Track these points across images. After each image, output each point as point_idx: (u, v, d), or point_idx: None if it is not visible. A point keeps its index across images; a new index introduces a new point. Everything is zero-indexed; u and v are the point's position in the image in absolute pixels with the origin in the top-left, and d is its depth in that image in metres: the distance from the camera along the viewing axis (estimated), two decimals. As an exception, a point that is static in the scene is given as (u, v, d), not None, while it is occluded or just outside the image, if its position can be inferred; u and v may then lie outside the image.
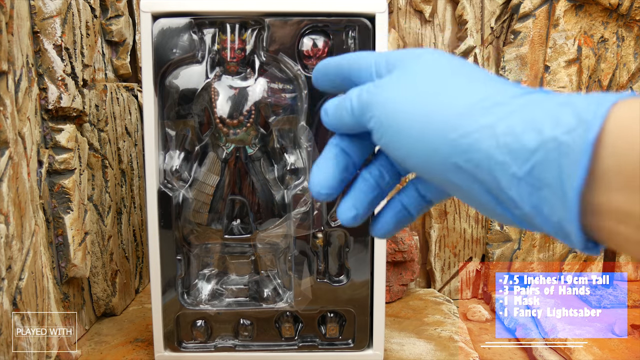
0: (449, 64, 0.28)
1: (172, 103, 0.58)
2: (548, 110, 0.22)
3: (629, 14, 0.82)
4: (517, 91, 0.25)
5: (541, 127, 0.22)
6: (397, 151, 0.27)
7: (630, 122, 0.20)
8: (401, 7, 0.87)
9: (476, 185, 0.24)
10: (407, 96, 0.27)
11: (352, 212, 0.31)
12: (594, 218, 0.22)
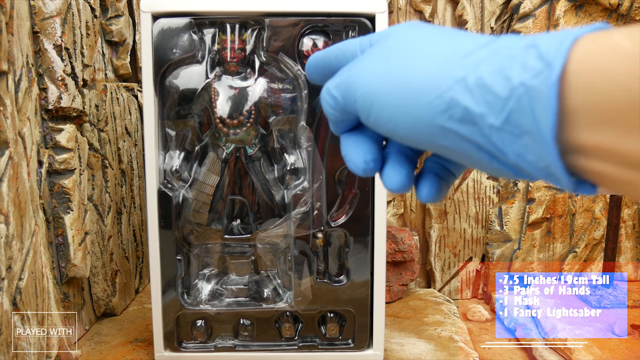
0: (424, 30, 0.28)
1: (172, 103, 0.58)
2: (514, 56, 0.22)
3: (629, 14, 0.82)
4: (484, 40, 0.24)
5: (509, 74, 0.22)
6: (385, 126, 0.27)
7: (596, 56, 0.20)
8: (401, 7, 0.87)
9: (465, 144, 0.24)
10: (384, 68, 0.27)
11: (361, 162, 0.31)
12: (579, 159, 0.21)
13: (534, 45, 0.22)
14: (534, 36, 0.23)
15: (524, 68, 0.21)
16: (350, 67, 0.29)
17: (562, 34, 0.21)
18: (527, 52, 0.22)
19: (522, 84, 0.21)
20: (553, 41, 0.21)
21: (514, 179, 0.25)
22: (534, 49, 0.21)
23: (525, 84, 0.21)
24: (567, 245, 0.88)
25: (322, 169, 0.59)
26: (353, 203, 0.59)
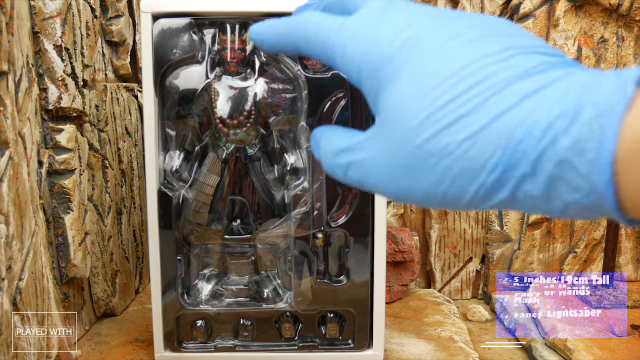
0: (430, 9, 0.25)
1: (172, 103, 0.58)
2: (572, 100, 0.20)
3: (629, 14, 0.82)
4: (529, 67, 0.22)
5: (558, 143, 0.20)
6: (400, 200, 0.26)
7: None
8: (401, 7, 0.87)
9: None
10: (405, 174, 0.24)
11: None
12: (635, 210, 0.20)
13: (592, 87, 0.20)
14: (591, 74, 0.21)
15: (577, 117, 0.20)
16: (362, 147, 0.26)
17: (621, 82, 0.20)
18: (585, 95, 0.20)
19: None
20: (612, 89, 0.20)
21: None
22: (593, 91, 0.20)
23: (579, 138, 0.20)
24: (567, 246, 0.88)
25: (322, 169, 0.59)
26: (353, 203, 0.59)
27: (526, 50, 0.23)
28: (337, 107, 0.58)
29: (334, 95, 0.58)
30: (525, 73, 0.22)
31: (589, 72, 0.21)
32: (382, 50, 0.25)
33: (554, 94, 0.21)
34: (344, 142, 0.27)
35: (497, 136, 0.21)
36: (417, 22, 0.25)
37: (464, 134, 0.22)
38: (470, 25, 0.24)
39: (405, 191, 0.24)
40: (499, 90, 0.22)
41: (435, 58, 0.23)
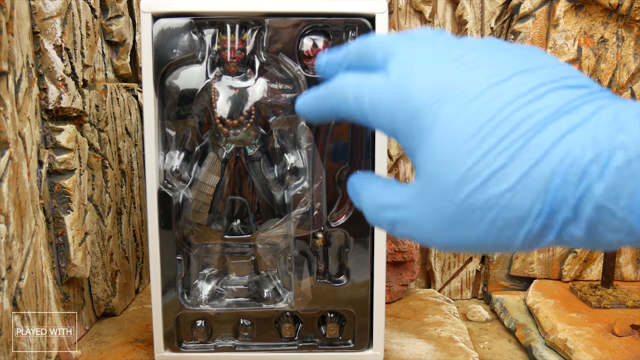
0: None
1: (172, 103, 0.58)
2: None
3: (629, 15, 0.82)
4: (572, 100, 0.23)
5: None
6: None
7: None
8: (401, 7, 0.87)
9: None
10: (451, 231, 0.25)
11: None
12: None
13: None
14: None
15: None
16: (407, 205, 0.26)
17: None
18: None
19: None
20: None
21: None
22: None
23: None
24: (567, 246, 0.88)
25: (322, 169, 0.59)
26: (353, 203, 0.59)
27: (555, 85, 0.23)
28: (337, 107, 0.58)
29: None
30: (556, 113, 0.22)
31: (617, 106, 0.22)
32: (414, 103, 0.25)
33: (586, 136, 0.21)
34: (387, 198, 0.27)
35: (536, 184, 0.22)
36: (444, 69, 0.25)
37: (505, 186, 0.22)
38: (498, 62, 0.25)
39: (456, 243, 0.25)
40: (532, 135, 0.22)
41: (467, 107, 0.24)
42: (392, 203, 0.27)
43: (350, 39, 0.57)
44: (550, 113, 0.22)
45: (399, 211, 0.27)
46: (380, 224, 0.28)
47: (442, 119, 0.24)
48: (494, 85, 0.24)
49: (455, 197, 0.23)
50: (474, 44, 0.27)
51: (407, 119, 0.26)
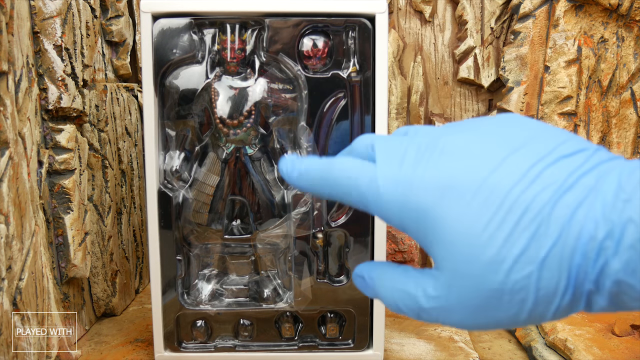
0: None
1: (172, 103, 0.58)
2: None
3: (629, 15, 0.82)
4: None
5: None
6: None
7: None
8: (401, 7, 0.87)
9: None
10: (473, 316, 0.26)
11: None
12: None
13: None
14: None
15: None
16: (430, 296, 0.27)
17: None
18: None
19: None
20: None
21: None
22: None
23: None
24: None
25: (322, 169, 0.59)
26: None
27: (551, 159, 0.24)
28: (337, 107, 0.58)
29: (334, 95, 0.58)
30: (561, 189, 0.23)
31: (619, 172, 0.23)
32: (420, 204, 0.26)
33: (595, 210, 0.22)
34: (409, 287, 0.27)
35: (559, 263, 0.23)
36: (437, 162, 0.26)
37: (530, 268, 0.23)
38: (488, 148, 0.25)
39: (488, 324, 0.26)
40: (545, 216, 0.23)
41: (474, 199, 0.24)
42: (418, 295, 0.27)
43: (350, 38, 0.57)
44: (554, 190, 0.23)
45: (425, 302, 0.27)
46: (402, 311, 0.28)
47: (451, 217, 0.25)
48: (492, 171, 0.24)
49: (483, 286, 0.24)
50: (453, 130, 0.27)
51: (414, 218, 0.26)
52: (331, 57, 0.58)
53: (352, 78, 0.57)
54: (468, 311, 0.25)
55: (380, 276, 0.29)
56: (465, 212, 0.24)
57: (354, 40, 0.57)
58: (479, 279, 0.24)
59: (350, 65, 0.58)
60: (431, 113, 0.89)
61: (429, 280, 0.27)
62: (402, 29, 0.88)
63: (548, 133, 0.25)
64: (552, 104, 0.84)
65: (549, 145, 0.25)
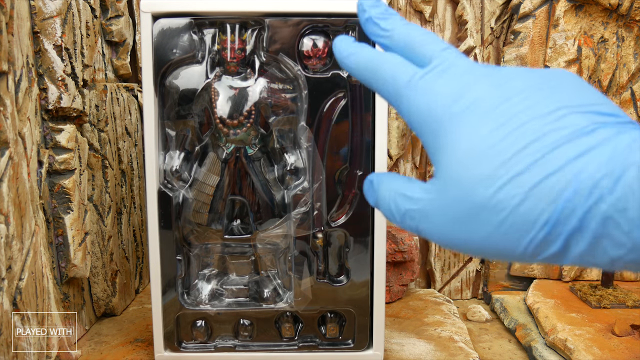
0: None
1: (172, 103, 0.58)
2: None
3: (629, 14, 0.82)
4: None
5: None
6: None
7: None
8: (401, 7, 0.87)
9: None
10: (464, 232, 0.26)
11: None
12: None
13: None
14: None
15: None
16: (421, 198, 0.27)
17: None
18: None
19: None
20: None
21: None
22: None
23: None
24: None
25: (322, 169, 0.59)
26: (353, 203, 0.59)
27: (579, 109, 0.24)
28: (337, 107, 0.58)
29: (334, 95, 0.58)
30: (576, 134, 0.23)
31: (638, 132, 0.23)
32: (442, 109, 0.27)
33: (602, 155, 0.22)
34: (404, 189, 0.29)
35: (547, 194, 0.23)
36: (475, 82, 0.27)
37: (518, 190, 0.23)
38: (526, 86, 0.26)
39: (460, 242, 0.26)
40: (549, 151, 0.23)
41: (491, 120, 0.25)
42: (409, 195, 0.28)
43: (350, 39, 0.57)
44: (570, 133, 0.23)
45: (413, 202, 0.28)
46: (392, 214, 0.29)
47: (466, 128, 0.25)
48: (519, 104, 0.25)
49: (470, 195, 0.24)
50: (511, 69, 0.28)
51: (431, 124, 0.27)
52: (331, 57, 0.58)
53: (352, 78, 0.57)
54: (445, 220, 0.26)
55: (384, 180, 0.31)
56: (479, 127, 0.25)
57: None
58: (467, 190, 0.24)
59: (350, 65, 0.58)
60: (431, 113, 0.89)
61: (424, 185, 0.28)
62: (402, 29, 0.87)
63: (590, 91, 0.26)
64: (552, 104, 0.84)
65: (586, 101, 0.25)
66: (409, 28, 0.31)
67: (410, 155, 0.90)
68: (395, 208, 0.28)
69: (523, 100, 0.25)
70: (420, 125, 0.28)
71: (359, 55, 0.32)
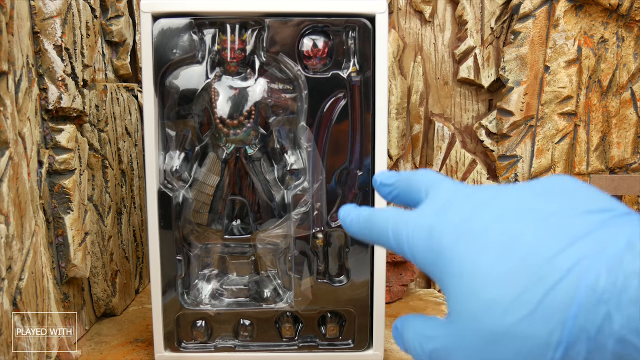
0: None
1: (172, 103, 0.58)
2: None
3: (629, 15, 0.82)
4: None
5: None
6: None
7: None
8: (401, 7, 0.87)
9: None
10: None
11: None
12: None
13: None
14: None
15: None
16: (441, 335, 0.27)
17: None
18: None
19: None
20: None
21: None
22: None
23: None
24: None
25: (322, 169, 0.59)
26: (353, 203, 0.59)
27: (572, 212, 0.24)
28: (337, 107, 0.58)
29: (334, 95, 0.58)
30: (570, 239, 0.23)
31: (632, 229, 0.22)
32: (440, 245, 0.27)
33: (599, 262, 0.21)
34: (426, 330, 0.29)
35: (553, 312, 0.22)
36: (471, 212, 0.27)
37: (523, 313, 0.23)
38: (516, 198, 0.26)
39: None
40: (545, 262, 0.23)
41: (485, 242, 0.25)
42: (429, 334, 0.28)
43: (350, 39, 0.57)
44: (565, 239, 0.23)
45: (434, 341, 0.28)
46: (420, 356, 0.29)
47: (463, 256, 0.26)
48: (510, 215, 0.25)
49: (480, 325, 0.24)
50: (500, 188, 0.28)
51: (435, 259, 0.27)
52: (331, 57, 0.58)
53: (352, 78, 0.57)
54: (468, 353, 0.25)
55: (407, 323, 0.31)
56: (475, 251, 0.25)
57: (354, 40, 0.57)
58: (477, 318, 0.24)
59: (350, 65, 0.58)
60: (431, 113, 0.89)
61: (440, 320, 0.28)
62: (402, 29, 0.88)
63: (581, 189, 0.26)
64: (552, 104, 0.84)
65: (576, 199, 0.25)
66: (407, 175, 0.33)
67: (410, 155, 0.90)
68: (421, 350, 0.28)
69: (512, 213, 0.25)
70: (423, 263, 0.28)
71: (359, 220, 0.34)
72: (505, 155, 0.87)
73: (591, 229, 0.23)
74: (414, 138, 0.90)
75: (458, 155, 0.89)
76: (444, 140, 0.89)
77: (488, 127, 0.87)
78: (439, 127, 0.89)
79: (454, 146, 0.89)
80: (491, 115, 0.87)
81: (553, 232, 0.23)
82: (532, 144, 0.86)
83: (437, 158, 0.89)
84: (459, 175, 0.89)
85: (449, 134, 0.89)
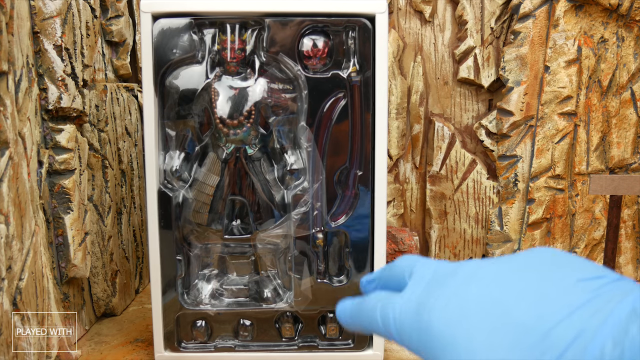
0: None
1: (172, 103, 0.58)
2: None
3: (629, 14, 0.82)
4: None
5: None
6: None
7: None
8: (401, 7, 0.87)
9: None
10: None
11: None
12: None
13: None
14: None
15: None
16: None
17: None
18: None
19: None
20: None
21: None
22: None
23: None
24: (567, 246, 0.88)
25: (322, 169, 0.59)
26: (353, 203, 0.59)
27: (566, 282, 0.23)
28: (337, 107, 0.58)
29: (334, 95, 0.58)
30: (569, 309, 0.22)
31: (634, 298, 0.21)
32: (430, 325, 0.26)
33: (605, 332, 0.21)
34: None
35: None
36: (457, 288, 0.27)
37: None
38: (501, 274, 0.26)
39: None
40: (546, 334, 0.22)
41: (478, 312, 0.24)
42: None
43: (350, 39, 0.57)
44: (563, 310, 0.22)
45: None
46: None
47: (455, 334, 0.25)
48: (501, 289, 0.24)
49: None
50: (484, 265, 0.28)
51: (425, 341, 0.27)
52: (331, 57, 0.58)
53: (352, 78, 0.57)
54: None
55: None
56: (467, 333, 0.24)
57: (354, 40, 0.57)
58: None
59: (350, 65, 0.58)
60: (431, 113, 0.89)
61: None
62: (402, 29, 0.88)
63: (569, 260, 0.25)
64: (552, 104, 0.84)
65: (566, 269, 0.24)
66: (389, 266, 0.34)
67: (410, 155, 0.90)
68: None
69: (503, 287, 0.25)
70: (419, 350, 0.28)
71: (351, 311, 0.34)
72: (505, 155, 0.87)
73: (588, 297, 0.22)
74: (414, 138, 0.90)
75: (458, 155, 0.89)
76: (444, 140, 0.89)
77: (488, 127, 0.87)
78: (439, 127, 0.89)
79: (454, 146, 0.89)
80: (491, 115, 0.87)
81: (548, 302, 0.23)
82: (532, 144, 0.86)
83: (437, 158, 0.89)
84: (459, 175, 0.89)
85: (449, 134, 0.89)
